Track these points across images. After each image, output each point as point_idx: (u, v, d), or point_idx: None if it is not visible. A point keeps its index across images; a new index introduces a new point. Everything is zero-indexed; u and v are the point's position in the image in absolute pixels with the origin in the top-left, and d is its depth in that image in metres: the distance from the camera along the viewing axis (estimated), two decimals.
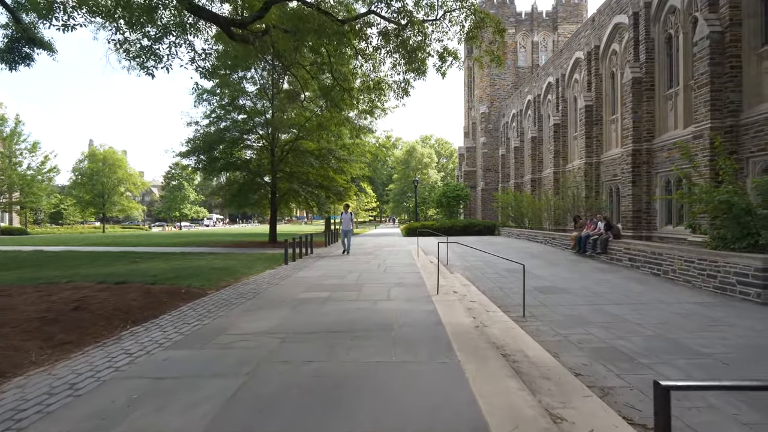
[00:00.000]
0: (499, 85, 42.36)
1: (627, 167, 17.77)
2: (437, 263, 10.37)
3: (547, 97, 29.22)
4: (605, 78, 21.40)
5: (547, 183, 28.31)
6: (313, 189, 20.45)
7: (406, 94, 11.90)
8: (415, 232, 28.25)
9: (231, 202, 20.67)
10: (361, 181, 38.14)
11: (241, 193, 20.24)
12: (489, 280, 10.20)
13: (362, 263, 12.49)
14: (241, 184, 20.71)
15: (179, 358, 4.17)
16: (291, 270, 11.14)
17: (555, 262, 13.25)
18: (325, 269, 11.19)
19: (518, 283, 9.77)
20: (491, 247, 18.33)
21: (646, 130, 17.26)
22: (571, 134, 25.66)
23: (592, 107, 21.82)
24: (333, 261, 13.22)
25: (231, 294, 7.62)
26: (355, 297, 7.24)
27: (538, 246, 18.34)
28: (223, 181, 22.41)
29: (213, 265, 11.46)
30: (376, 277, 9.41)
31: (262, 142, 21.19)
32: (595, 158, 21.65)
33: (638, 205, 17.43)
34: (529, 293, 7.68)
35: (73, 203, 49.90)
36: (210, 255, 15.32)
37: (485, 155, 42.13)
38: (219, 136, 20.15)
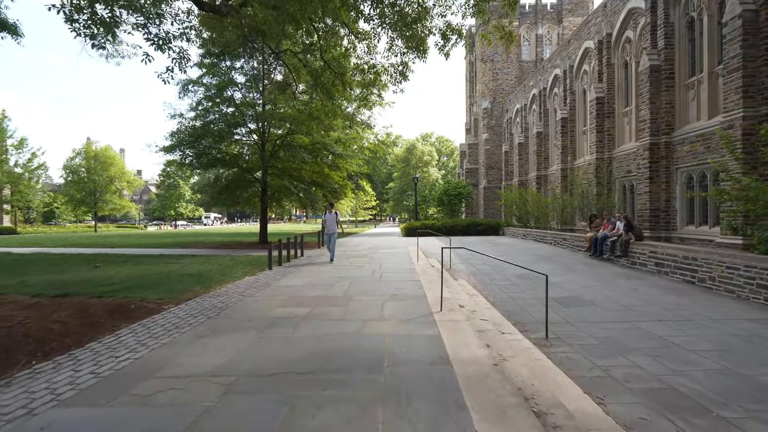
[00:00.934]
0: (502, 80, 41.01)
1: (644, 162, 16.43)
2: (440, 269, 9.07)
3: (554, 90, 27.85)
4: (618, 68, 20.04)
5: (553, 180, 26.96)
6: (307, 186, 19.06)
7: (404, 78, 10.58)
8: (415, 232, 26.92)
9: (217, 200, 19.29)
10: (359, 179, 36.80)
11: (227, 190, 18.83)
12: (499, 288, 8.89)
13: (355, 268, 11.18)
14: (229, 181, 19.37)
15: (64, 426, 2.86)
16: (273, 277, 9.83)
17: (570, 266, 11.94)
18: (312, 276, 9.87)
19: (532, 292, 8.47)
20: (497, 249, 17.03)
21: (664, 122, 15.91)
22: (579, 129, 24.31)
23: (604, 99, 20.46)
24: (323, 266, 11.90)
25: (191, 310, 6.31)
26: (340, 315, 5.93)
27: (547, 248, 17.02)
28: (212, 177, 20.98)
29: (185, 271, 10.16)
30: (368, 287, 8.09)
31: (252, 136, 19.86)
32: (607, 153, 20.30)
33: (656, 204, 16.09)
34: (547, 305, 6.39)
35: (64, 202, 48.55)
36: (189, 258, 14.02)
37: (488, 152, 40.78)
38: (206, 130, 18.82)
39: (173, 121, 18.45)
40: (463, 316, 5.97)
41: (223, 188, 19.02)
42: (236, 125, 19.37)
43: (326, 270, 10.89)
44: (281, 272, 10.62)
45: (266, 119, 18.69)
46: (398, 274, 9.84)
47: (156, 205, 67.73)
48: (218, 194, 19.11)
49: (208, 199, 20.11)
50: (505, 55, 40.92)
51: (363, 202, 60.85)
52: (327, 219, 12.85)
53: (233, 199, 19.08)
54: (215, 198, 19.35)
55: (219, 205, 20.22)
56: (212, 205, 21.00)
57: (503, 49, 40.80)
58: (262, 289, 7.97)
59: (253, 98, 20.05)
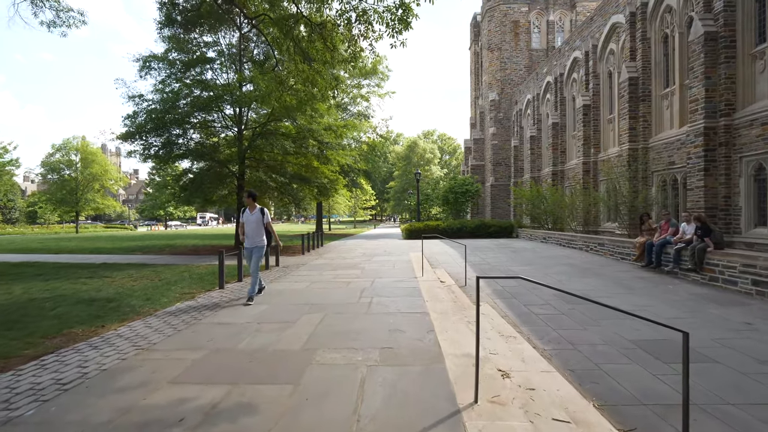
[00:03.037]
0: (510, 69, 38.05)
1: (696, 151, 13.49)
2: (455, 296, 6.19)
3: (572, 75, 24.92)
4: (656, 42, 17.11)
5: (572, 176, 24.02)
6: (288, 180, 16.08)
7: (404, 26, 7.66)
8: (418, 234, 23.99)
9: (181, 198, 16.21)
10: (356, 176, 33.88)
11: (194, 185, 15.83)
12: (543, 320, 5.98)
13: (338, 287, 8.27)
14: (196, 174, 16.41)
15: None
16: (217, 301, 6.93)
17: (624, 282, 9.01)
18: (275, 300, 6.97)
19: (598, 330, 5.54)
20: (517, 256, 14.10)
21: (724, 100, 12.99)
22: (604, 117, 21.39)
23: (638, 80, 17.52)
24: (296, 282, 9.00)
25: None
26: (277, 411, 3.02)
27: (579, 255, 14.08)
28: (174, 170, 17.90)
29: (99, 293, 7.29)
30: (348, 328, 5.16)
31: (227, 122, 16.92)
32: (641, 143, 17.36)
33: (712, 201, 13.16)
34: (635, 358, 3.51)
35: (43, 201, 45.77)
36: (133, 268, 11.13)
37: (495, 147, 37.81)
38: (175, 117, 15.89)
39: (133, 105, 15.54)
40: (519, 416, 3.04)
41: (189, 183, 16.03)
42: (209, 110, 16.44)
43: (299, 289, 7.98)
44: (233, 293, 7.71)
45: (243, 103, 15.77)
46: (395, 300, 6.91)
47: (146, 205, 64.84)
48: (182, 190, 16.12)
49: (170, 198, 17.10)
50: (513, 42, 38.00)
51: (362, 201, 57.98)
52: (246, 221, 7.26)
53: (202, 196, 16.10)
54: (178, 196, 16.37)
55: (184, 203, 17.23)
56: (179, 204, 18.03)
57: (512, 36, 37.93)
58: (177, 333, 5.04)
59: (228, 79, 17.16)
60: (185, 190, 16.09)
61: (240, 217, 7.46)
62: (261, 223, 7.22)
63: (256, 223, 7.19)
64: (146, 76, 16.20)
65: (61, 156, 43.76)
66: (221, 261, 7.97)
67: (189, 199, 16.11)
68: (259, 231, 7.20)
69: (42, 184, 62.36)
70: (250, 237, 7.19)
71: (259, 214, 7.24)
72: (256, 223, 7.20)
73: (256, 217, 7.22)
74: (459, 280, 9.45)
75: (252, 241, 7.19)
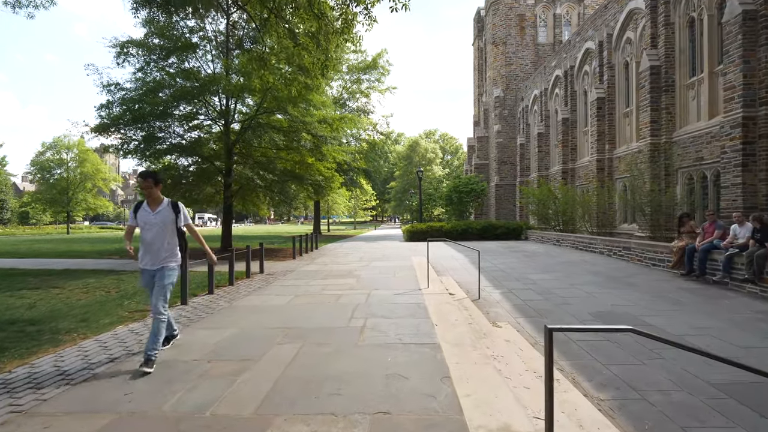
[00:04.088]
0: (516, 65, 36.62)
1: (733, 144, 12.04)
2: (474, 313, 4.80)
3: (584, 68, 23.48)
4: (681, 28, 15.67)
5: (584, 174, 22.58)
6: (278, 178, 14.60)
7: None
8: (420, 236, 22.55)
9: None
10: (355, 175, 32.46)
11: (172, 182, 14.33)
12: (588, 352, 4.55)
13: (326, 302, 6.85)
14: (176, 170, 14.95)
15: None
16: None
17: (665, 294, 7.57)
18: (244, 321, 5.56)
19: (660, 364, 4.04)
20: (533, 261, 12.65)
21: (765, 87, 11.56)
22: (620, 110, 19.95)
23: (660, 69, 16.08)
24: (277, 294, 7.58)
25: None
26: None
27: (601, 260, 12.64)
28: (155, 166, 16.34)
29: (30, 311, 5.94)
30: (329, 369, 3.73)
31: (211, 113, 15.48)
32: (665, 137, 15.91)
33: (752, 199, 11.71)
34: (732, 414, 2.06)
35: (33, 201, 44.45)
36: (98, 275, 9.73)
37: (500, 145, 36.36)
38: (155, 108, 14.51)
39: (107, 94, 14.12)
40: None
41: (167, 180, 14.50)
42: (193, 101, 15.03)
43: (275, 309, 6.55)
44: (199, 310, 6.29)
45: (229, 92, 14.37)
46: (396, 323, 5.47)
47: None
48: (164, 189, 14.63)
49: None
50: (519, 37, 36.59)
51: (362, 202, 56.55)
52: (144, 224, 4.15)
53: (182, 195, 14.61)
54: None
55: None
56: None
57: (517, 30, 36.54)
58: (86, 382, 3.61)
59: (214, 69, 15.78)
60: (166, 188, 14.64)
61: (134, 214, 4.22)
62: (172, 228, 4.18)
63: (163, 228, 4.10)
64: (124, 63, 14.79)
65: (52, 155, 42.44)
66: (183, 282, 6.54)
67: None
68: (168, 241, 4.13)
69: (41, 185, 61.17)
70: (153, 252, 4.08)
71: (169, 213, 4.18)
72: (163, 226, 4.10)
73: (163, 218, 4.12)
74: (471, 291, 8.03)
75: (155, 258, 4.08)
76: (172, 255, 4.20)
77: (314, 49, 7.18)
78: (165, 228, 4.14)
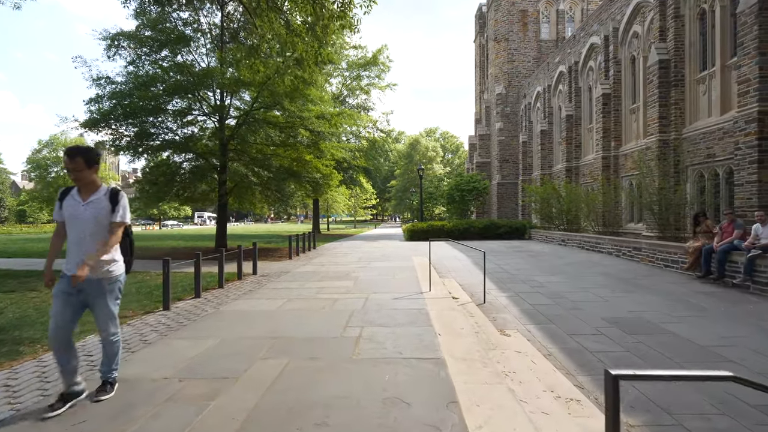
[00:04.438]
0: (518, 61, 36.08)
1: (748, 140, 11.52)
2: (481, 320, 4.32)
3: (588, 63, 22.96)
4: (691, 20, 15.14)
5: (589, 172, 22.09)
6: (274, 175, 14.08)
7: None
8: (421, 235, 22.06)
9: (151, 194, 14.14)
10: (355, 173, 31.96)
11: (165, 178, 13.79)
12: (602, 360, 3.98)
13: (320, 307, 6.37)
14: (167, 166, 14.40)
15: None
16: (148, 331, 5.03)
17: (685, 299, 7.08)
18: (227, 331, 5.07)
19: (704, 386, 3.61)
20: (539, 262, 12.14)
21: None
22: (626, 106, 19.44)
23: (669, 63, 15.56)
24: (268, 299, 7.10)
25: None
26: None
27: (610, 260, 12.13)
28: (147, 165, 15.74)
29: None
30: (317, 391, 3.24)
31: (204, 108, 14.95)
32: (674, 133, 15.39)
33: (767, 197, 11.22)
34: None
35: (29, 199, 43.99)
36: None
37: (502, 143, 35.84)
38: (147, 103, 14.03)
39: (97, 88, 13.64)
40: None
41: (159, 177, 13.98)
42: (186, 96, 14.53)
43: (264, 315, 6.07)
44: (182, 317, 5.80)
45: (223, 86, 13.87)
46: (395, 333, 4.97)
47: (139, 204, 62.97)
48: (149, 185, 14.02)
49: (138, 195, 15.00)
50: (521, 33, 36.04)
51: (362, 200, 56.05)
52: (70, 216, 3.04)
53: (175, 192, 14.10)
54: (146, 192, 14.29)
55: (154, 201, 15.15)
56: (147, 203, 16.04)
57: (520, 27, 35.99)
58: (25, 408, 3.13)
59: (209, 63, 15.28)
60: (153, 184, 14.14)
61: (59, 208, 3.11)
62: (107, 224, 3.11)
63: (95, 224, 3.06)
64: (115, 56, 14.30)
65: (49, 152, 41.96)
66: (165, 278, 6.05)
67: (158, 195, 14.12)
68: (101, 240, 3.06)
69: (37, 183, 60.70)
70: (81, 255, 2.98)
71: (105, 204, 3.09)
72: (95, 222, 3.06)
73: (96, 210, 3.07)
74: (475, 295, 7.55)
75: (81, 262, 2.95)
76: (112, 260, 3.13)
77: (307, 36, 6.69)
78: (98, 224, 3.04)
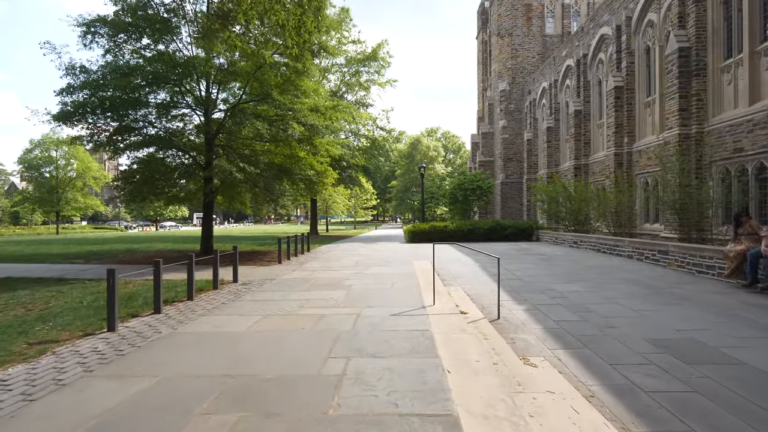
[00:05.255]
0: (522, 57, 34.94)
1: None
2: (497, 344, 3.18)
3: (598, 56, 21.82)
4: (714, 4, 14.00)
5: (599, 170, 20.95)
6: (264, 172, 12.92)
7: None
8: (423, 237, 20.93)
9: (128, 193, 12.96)
10: (354, 172, 30.84)
11: (142, 176, 12.66)
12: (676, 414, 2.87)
13: (300, 326, 5.25)
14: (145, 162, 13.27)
15: None
16: (68, 366, 3.92)
17: (737, 313, 5.94)
18: (170, 367, 3.96)
19: None
20: (554, 267, 10.96)
21: None
22: (640, 100, 18.29)
23: (690, 50, 14.43)
24: (240, 314, 5.99)
25: None
26: None
27: (633, 265, 10.98)
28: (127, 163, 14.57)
29: None
30: None
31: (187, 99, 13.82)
32: (695, 127, 14.25)
33: None
34: None
35: (21, 200, 42.98)
36: (38, 285, 8.16)
37: (505, 141, 34.69)
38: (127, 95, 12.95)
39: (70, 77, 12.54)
40: None
41: (135, 174, 12.85)
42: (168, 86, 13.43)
43: (228, 338, 4.95)
44: (121, 345, 4.68)
45: (205, 74, 12.73)
46: (391, 368, 3.83)
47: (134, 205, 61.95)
48: (126, 183, 12.88)
49: (117, 193, 13.81)
50: (526, 28, 34.92)
51: (362, 201, 54.92)
52: None
53: (154, 191, 12.93)
54: (122, 190, 13.12)
55: (129, 200, 13.97)
56: (124, 202, 14.93)
57: (524, 21, 34.87)
58: None
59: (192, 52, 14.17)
60: (130, 182, 13.03)
61: None
62: None
63: None
64: (92, 44, 13.20)
65: (40, 152, 40.96)
66: (112, 303, 4.93)
67: (135, 194, 12.98)
68: None
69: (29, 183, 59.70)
70: None
71: None
72: None
73: None
74: (486, 308, 6.43)
75: None
76: None
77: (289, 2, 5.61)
78: None
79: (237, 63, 13.03)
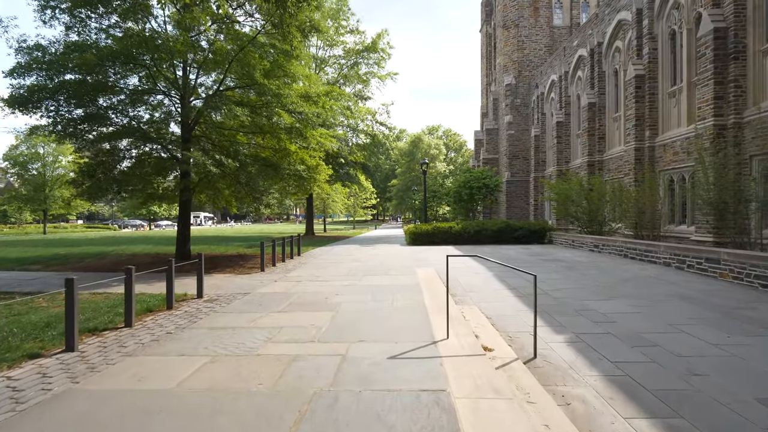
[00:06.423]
0: (529, 50, 33.35)
1: None
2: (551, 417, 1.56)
3: (615, 44, 20.21)
4: None
5: (616, 167, 19.35)
6: (245, 166, 11.28)
7: None
8: (426, 239, 19.30)
9: (87, 189, 11.32)
10: (353, 169, 29.23)
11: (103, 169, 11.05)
12: None
13: (250, 390, 3.70)
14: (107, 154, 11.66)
15: None
16: None
17: None
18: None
19: None
20: (581, 277, 9.30)
21: None
22: (664, 89, 16.69)
23: (726, 32, 12.85)
24: (178, 358, 4.46)
25: None
26: None
27: (676, 276, 9.37)
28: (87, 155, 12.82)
29: None
30: None
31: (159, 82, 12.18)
32: (732, 117, 12.66)
33: None
34: None
35: (6, 199, 41.39)
36: None
37: (511, 138, 33.08)
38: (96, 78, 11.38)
39: (20, 56, 10.96)
40: None
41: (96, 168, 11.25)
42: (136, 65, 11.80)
43: (119, 422, 3.37)
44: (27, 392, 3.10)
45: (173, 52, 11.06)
46: None
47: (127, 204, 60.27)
48: (86, 178, 11.27)
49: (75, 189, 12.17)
50: (533, 19, 33.33)
51: (361, 200, 53.30)
52: None
53: (118, 186, 11.32)
54: (80, 185, 11.52)
55: (87, 198, 12.30)
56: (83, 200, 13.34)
57: (531, 12, 33.28)
58: None
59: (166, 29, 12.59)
60: (90, 177, 11.41)
61: None
62: None
63: None
64: (52, 20, 11.61)
65: (27, 148, 39.39)
66: None
67: (96, 191, 11.32)
68: None
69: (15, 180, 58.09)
70: None
71: None
72: None
73: None
74: (513, 336, 4.89)
75: None
76: None
77: None
78: None
79: (216, 42, 11.46)
